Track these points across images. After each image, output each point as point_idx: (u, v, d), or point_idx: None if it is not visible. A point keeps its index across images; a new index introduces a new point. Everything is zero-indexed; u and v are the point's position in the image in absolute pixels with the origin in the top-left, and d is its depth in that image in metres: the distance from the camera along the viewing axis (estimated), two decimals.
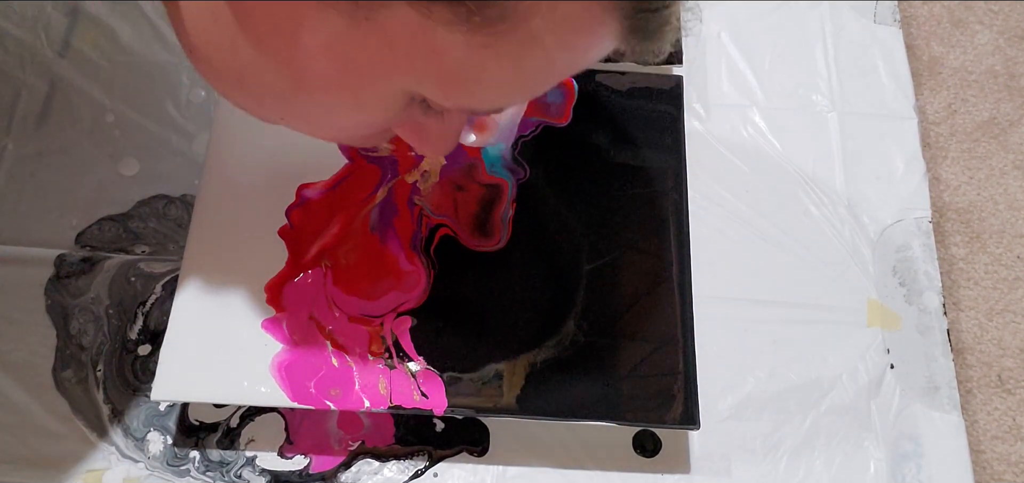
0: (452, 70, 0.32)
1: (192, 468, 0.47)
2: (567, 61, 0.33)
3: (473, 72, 0.32)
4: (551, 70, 0.33)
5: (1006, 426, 0.54)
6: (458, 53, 0.30)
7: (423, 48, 0.30)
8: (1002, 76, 0.65)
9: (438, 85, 0.33)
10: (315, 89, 0.34)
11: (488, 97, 0.34)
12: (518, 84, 0.34)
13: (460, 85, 0.33)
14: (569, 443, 0.48)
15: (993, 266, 0.59)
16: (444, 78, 0.32)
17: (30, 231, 0.52)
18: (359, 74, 0.32)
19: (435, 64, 0.31)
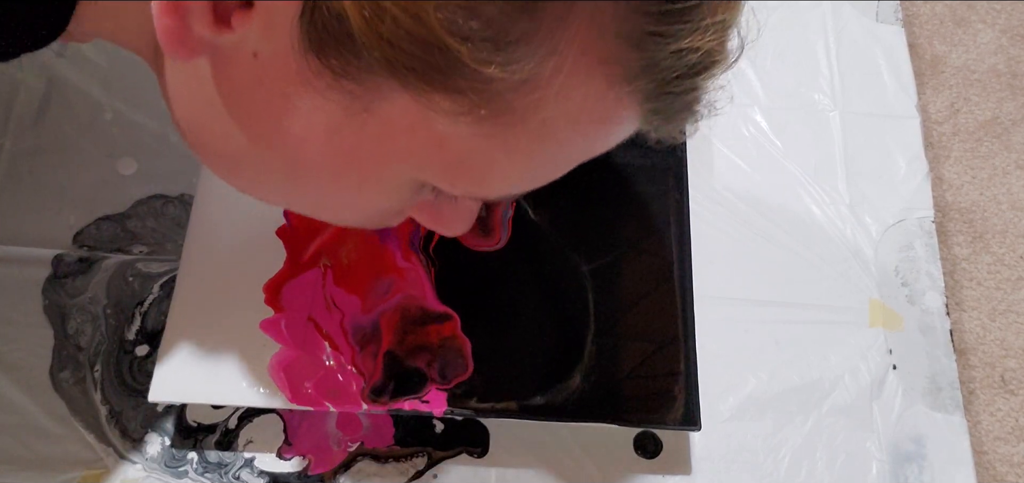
0: (458, 161, 0.30)
1: (190, 469, 0.47)
2: (583, 148, 0.32)
3: (481, 163, 0.30)
4: (567, 158, 0.32)
5: (1009, 427, 0.54)
6: (464, 144, 0.29)
7: (426, 139, 0.29)
8: (1005, 75, 0.65)
9: (444, 175, 0.31)
10: (314, 177, 0.32)
11: (499, 187, 0.32)
12: (530, 174, 0.32)
13: (468, 176, 0.31)
14: (569, 444, 0.48)
15: (996, 266, 0.58)
16: (450, 169, 0.31)
17: (27, 230, 0.52)
18: (359, 163, 0.31)
19: (440, 155, 0.30)
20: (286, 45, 0.27)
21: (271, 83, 0.29)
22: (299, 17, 0.26)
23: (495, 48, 0.26)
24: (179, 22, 0.27)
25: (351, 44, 0.26)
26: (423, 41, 0.25)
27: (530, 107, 0.28)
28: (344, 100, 0.28)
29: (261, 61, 0.28)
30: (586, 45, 0.27)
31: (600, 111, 0.29)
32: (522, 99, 0.28)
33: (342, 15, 0.25)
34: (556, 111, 0.28)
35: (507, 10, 0.25)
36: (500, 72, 0.26)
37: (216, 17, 0.27)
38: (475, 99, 0.27)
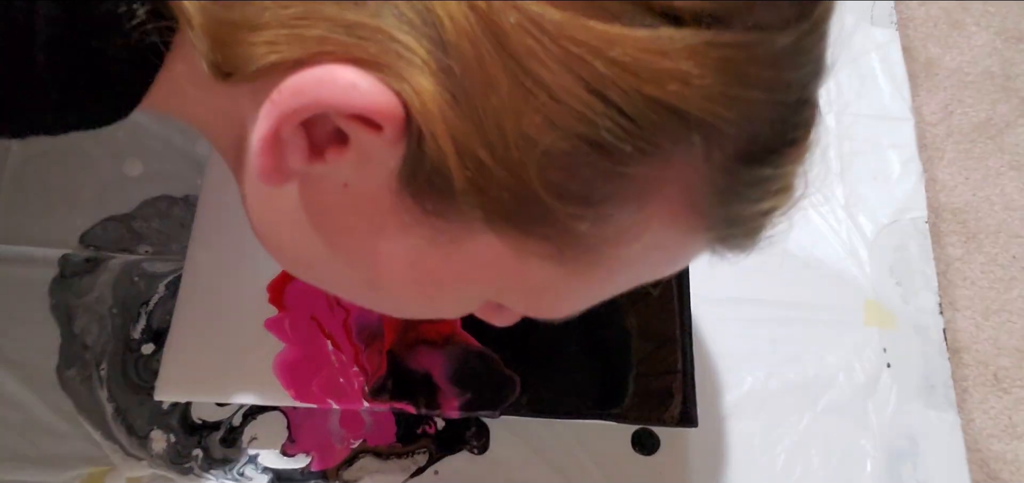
0: (537, 291, 0.31)
1: (195, 466, 0.47)
2: (656, 275, 0.33)
3: (558, 293, 0.31)
4: (637, 282, 0.33)
5: (1002, 425, 0.55)
6: (544, 278, 0.30)
7: (510, 273, 0.30)
8: (999, 77, 0.66)
9: (520, 301, 0.32)
10: (392, 292, 0.32)
11: (571, 310, 0.33)
12: (602, 297, 0.33)
13: (543, 302, 0.32)
14: (569, 441, 0.49)
15: (989, 266, 0.59)
16: (528, 296, 0.32)
17: (34, 231, 0.52)
18: (439, 285, 0.31)
19: (520, 286, 0.31)
20: (380, 182, 0.27)
21: (360, 210, 0.29)
22: (400, 165, 0.26)
23: (587, 205, 0.26)
24: (277, 158, 0.26)
25: (449, 194, 0.26)
26: (520, 196, 0.26)
27: (612, 250, 0.29)
28: (431, 233, 0.28)
29: (351, 191, 0.28)
30: (672, 202, 0.28)
31: (675, 252, 0.31)
32: (608, 246, 0.28)
33: (444, 171, 0.25)
34: (636, 252, 0.29)
35: (603, 172, 0.25)
36: (590, 227, 0.27)
37: (311, 151, 0.26)
38: (562, 244, 0.28)
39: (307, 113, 0.25)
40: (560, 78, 0.24)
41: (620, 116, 0.24)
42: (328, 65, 0.24)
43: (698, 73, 0.24)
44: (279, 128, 0.25)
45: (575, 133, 0.24)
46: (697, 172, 0.27)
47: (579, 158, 0.25)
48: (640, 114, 0.24)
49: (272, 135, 0.26)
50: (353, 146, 0.26)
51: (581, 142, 0.25)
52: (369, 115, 0.24)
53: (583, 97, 0.24)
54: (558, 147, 0.25)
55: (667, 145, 0.25)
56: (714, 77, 0.24)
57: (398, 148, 0.26)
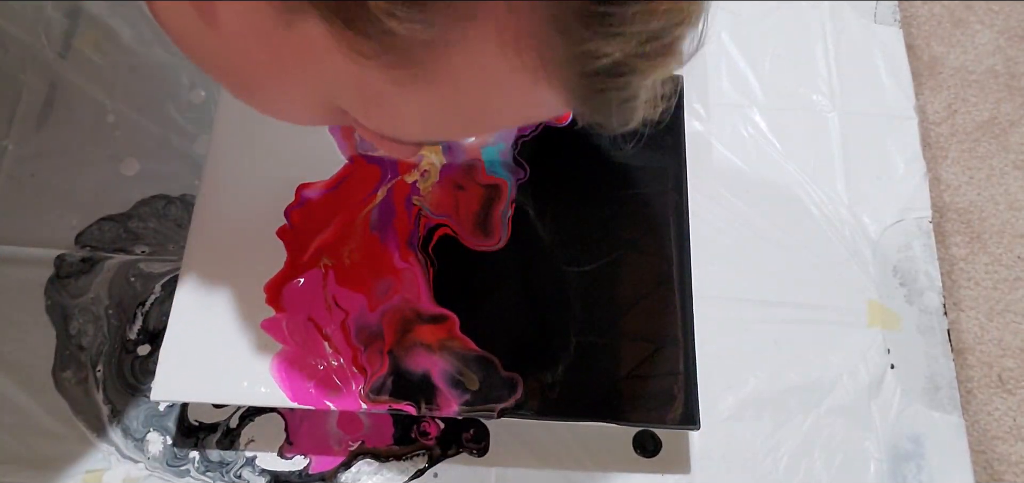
0: (370, 98, 0.30)
1: (192, 468, 0.47)
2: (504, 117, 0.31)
3: (393, 106, 0.30)
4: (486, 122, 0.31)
5: (1007, 426, 0.54)
6: (375, 85, 0.29)
7: (340, 69, 0.29)
8: (1003, 76, 0.65)
9: (358, 109, 0.32)
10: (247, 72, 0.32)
11: (413, 133, 0.32)
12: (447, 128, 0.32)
13: (380, 115, 0.31)
14: (569, 443, 0.48)
15: (993, 266, 0.59)
16: (363, 104, 0.31)
17: (30, 231, 0.52)
18: (282, 71, 0.31)
19: (352, 87, 0.30)
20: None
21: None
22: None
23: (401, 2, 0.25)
24: None
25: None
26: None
27: (440, 68, 0.28)
28: (270, 10, 0.28)
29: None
30: (499, 24, 0.26)
31: (515, 89, 0.29)
32: (430, 58, 0.27)
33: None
34: (468, 78, 0.28)
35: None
36: (402, 28, 0.26)
37: None
38: (381, 46, 0.27)
39: None
40: None
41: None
42: None
43: None
44: None
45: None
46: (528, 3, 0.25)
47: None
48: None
49: None
50: None
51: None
52: None
53: None
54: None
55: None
56: None
57: None
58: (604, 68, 0.27)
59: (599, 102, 0.29)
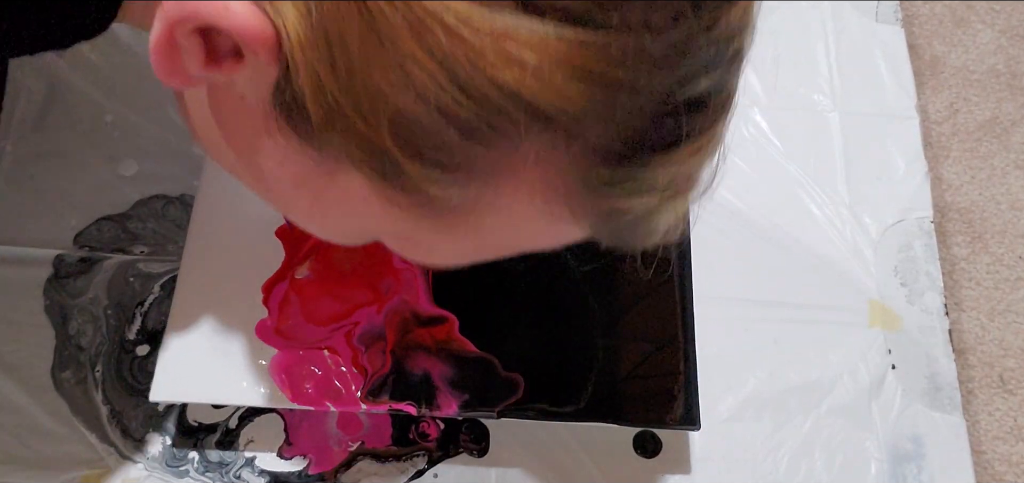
0: (407, 237, 0.32)
1: (191, 469, 0.47)
2: (530, 246, 0.33)
3: (427, 244, 0.32)
4: (514, 250, 0.33)
5: (1007, 426, 0.54)
6: (411, 226, 0.30)
7: (378, 214, 0.30)
8: (1004, 75, 0.65)
9: (395, 244, 0.34)
10: (288, 205, 0.34)
11: (445, 262, 0.34)
12: (477, 257, 0.34)
13: (415, 250, 0.34)
14: (569, 444, 0.48)
15: (995, 266, 0.58)
16: (399, 241, 0.33)
17: (29, 231, 0.52)
18: (323, 210, 0.32)
19: (390, 228, 0.32)
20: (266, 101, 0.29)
21: (251, 125, 0.30)
22: (272, 87, 0.28)
23: (439, 171, 0.27)
24: (173, 61, 0.28)
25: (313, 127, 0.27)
26: (374, 145, 0.27)
27: (470, 220, 0.29)
28: (308, 162, 0.29)
29: (246, 105, 0.29)
30: (529, 184, 0.28)
31: (543, 231, 0.31)
32: (463, 212, 0.29)
33: (305, 103, 0.27)
34: (498, 226, 0.30)
35: (453, 143, 0.26)
36: (442, 191, 0.28)
37: (208, 60, 0.28)
38: (418, 202, 0.29)
39: (190, 23, 0.26)
40: (409, 44, 0.24)
41: (462, 93, 0.25)
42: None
43: (542, 64, 0.24)
44: (171, 32, 0.27)
45: (424, 99, 0.25)
46: (555, 161, 0.27)
47: (429, 123, 0.25)
48: (483, 94, 0.25)
49: (165, 37, 0.27)
50: (248, 62, 0.27)
51: (430, 109, 0.25)
52: (239, 36, 0.26)
53: (430, 67, 0.24)
54: (410, 108, 0.25)
55: (515, 130, 0.26)
56: (558, 71, 0.24)
57: (272, 70, 0.27)
58: (631, 218, 0.29)
59: (623, 236, 0.31)
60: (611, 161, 0.27)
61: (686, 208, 0.31)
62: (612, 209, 0.29)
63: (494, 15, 0.24)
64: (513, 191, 0.28)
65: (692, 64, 0.26)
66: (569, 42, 0.24)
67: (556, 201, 0.29)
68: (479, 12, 0.24)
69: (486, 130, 0.26)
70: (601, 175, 0.27)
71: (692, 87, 0.27)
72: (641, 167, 0.28)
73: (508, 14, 0.24)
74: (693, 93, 0.27)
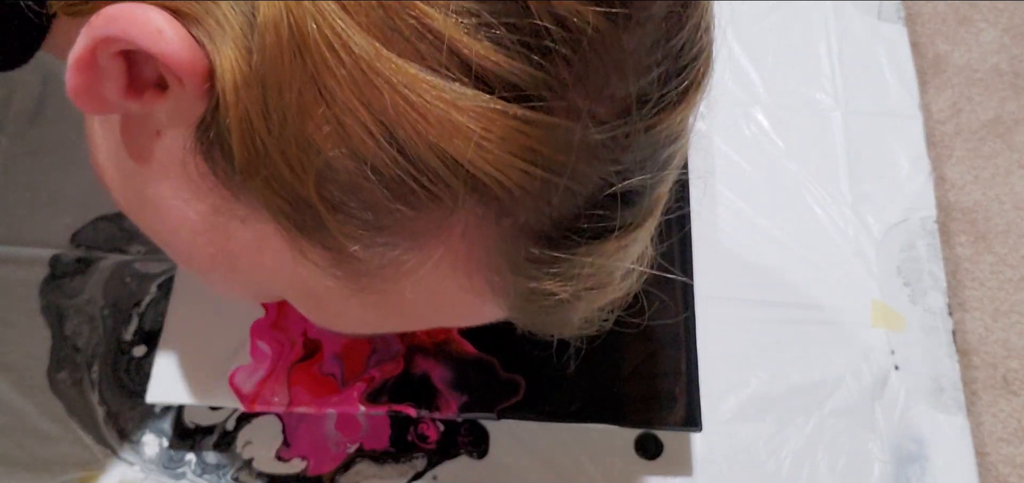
0: (317, 298, 0.31)
1: (188, 471, 0.47)
2: (445, 321, 0.33)
3: (337, 307, 0.31)
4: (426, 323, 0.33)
5: (1012, 428, 0.54)
6: (322, 287, 0.30)
7: (289, 270, 0.30)
8: (1007, 74, 0.65)
9: (303, 304, 0.33)
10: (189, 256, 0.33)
11: (354, 329, 0.34)
12: (387, 326, 0.33)
13: (324, 313, 0.33)
14: (570, 445, 0.48)
15: (999, 266, 0.58)
16: (309, 301, 0.32)
17: (24, 231, 0.52)
18: (227, 261, 0.31)
19: (300, 286, 0.31)
20: (185, 137, 0.28)
21: (166, 163, 0.29)
22: (197, 123, 0.27)
23: (363, 228, 0.26)
24: (90, 82, 0.27)
25: (233, 168, 0.27)
26: (297, 196, 0.26)
27: (388, 286, 0.29)
28: (221, 204, 0.29)
29: (162, 141, 0.29)
30: (454, 254, 0.28)
31: (460, 305, 0.30)
32: (380, 277, 0.28)
33: (229, 143, 0.26)
34: (413, 294, 0.29)
35: (382, 203, 0.25)
36: (363, 251, 0.27)
37: (129, 88, 0.27)
38: (337, 259, 0.28)
39: (117, 45, 0.26)
40: (350, 100, 0.24)
41: (401, 155, 0.24)
42: (145, 4, 0.25)
43: (487, 137, 0.24)
44: (94, 50, 0.26)
45: (358, 156, 0.24)
46: (483, 233, 0.27)
47: (359, 181, 0.25)
48: (422, 159, 0.24)
49: (86, 56, 0.26)
50: (169, 96, 0.27)
51: (363, 166, 0.25)
52: (169, 64, 0.25)
53: (369, 125, 0.24)
54: (340, 163, 0.25)
55: (450, 197, 0.25)
56: (501, 147, 0.24)
57: (199, 105, 0.26)
58: (549, 303, 0.29)
59: (538, 321, 0.31)
60: (540, 243, 0.27)
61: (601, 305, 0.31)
62: (533, 291, 0.29)
63: (444, 83, 0.23)
64: (437, 259, 0.28)
65: (630, 160, 0.27)
66: (516, 119, 0.24)
67: (477, 275, 0.28)
68: (429, 78, 0.23)
69: (420, 194, 0.25)
70: (528, 255, 0.27)
71: (627, 183, 0.27)
72: (568, 253, 0.28)
73: (458, 84, 0.23)
74: (627, 188, 0.27)
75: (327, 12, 0.23)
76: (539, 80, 0.24)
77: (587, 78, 0.24)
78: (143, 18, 0.25)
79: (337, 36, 0.23)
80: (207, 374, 0.45)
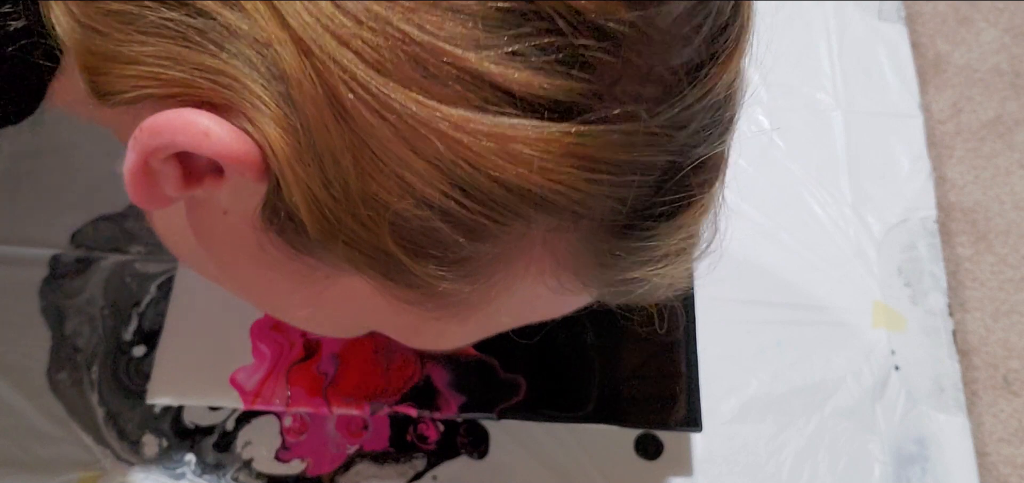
0: (414, 329, 0.32)
1: (188, 471, 0.47)
2: (539, 317, 0.33)
3: (434, 333, 0.32)
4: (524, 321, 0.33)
5: (1012, 428, 0.54)
6: (417, 321, 0.30)
7: (381, 311, 0.30)
8: (1008, 74, 0.65)
9: (401, 336, 0.33)
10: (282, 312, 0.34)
11: (448, 346, 0.34)
12: (486, 334, 0.34)
13: (422, 340, 0.34)
14: (570, 446, 0.48)
15: (999, 266, 0.58)
16: (404, 333, 0.33)
17: (25, 231, 0.52)
18: (322, 313, 0.32)
19: (394, 322, 0.31)
20: (253, 218, 0.27)
21: (237, 238, 0.29)
22: (260, 207, 0.27)
23: (446, 266, 0.27)
24: (149, 189, 0.27)
25: (308, 237, 0.27)
26: (377, 250, 0.26)
27: (482, 304, 0.29)
28: (305, 270, 0.29)
29: (230, 219, 0.28)
30: (539, 264, 0.28)
31: (550, 304, 0.31)
32: (474, 300, 0.29)
33: (298, 218, 0.26)
34: (507, 306, 0.30)
35: (458, 241, 0.26)
36: (452, 286, 0.27)
37: (187, 179, 0.27)
38: (426, 296, 0.28)
39: (166, 152, 0.25)
40: (404, 154, 0.24)
41: (466, 196, 0.24)
42: (186, 109, 0.25)
43: (546, 159, 0.24)
44: (146, 161, 0.26)
45: (425, 203, 0.25)
46: (562, 239, 0.27)
47: (431, 226, 0.25)
48: (486, 194, 0.24)
49: (139, 167, 0.26)
50: (228, 178, 0.27)
51: (432, 212, 0.25)
52: (221, 160, 0.25)
53: (428, 174, 0.24)
54: (410, 213, 0.25)
55: (522, 222, 0.26)
56: (562, 164, 0.24)
57: (259, 187, 0.26)
58: (645, 279, 0.30)
59: (631, 296, 0.31)
60: (620, 235, 0.27)
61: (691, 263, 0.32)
62: (618, 279, 0.29)
63: (491, 118, 0.23)
64: (523, 273, 0.28)
65: (692, 131, 0.26)
66: (570, 135, 0.24)
67: (566, 276, 0.29)
68: (477, 117, 0.23)
69: (491, 227, 0.25)
70: (611, 247, 0.28)
71: (693, 154, 0.27)
72: (650, 237, 0.28)
73: (506, 116, 0.23)
74: (696, 159, 0.27)
75: (360, 76, 0.23)
76: (584, 91, 0.24)
77: (631, 72, 0.24)
78: (187, 123, 0.25)
79: (374, 97, 0.23)
80: (207, 374, 0.45)
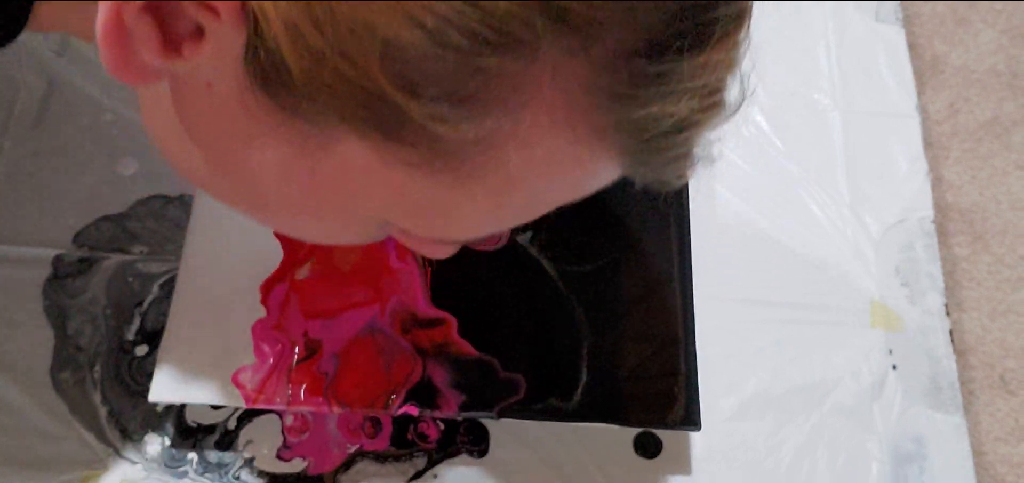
0: (420, 207, 0.29)
1: (190, 470, 0.47)
2: (557, 195, 0.30)
3: (444, 210, 0.29)
4: (540, 204, 0.30)
5: (1009, 427, 0.54)
6: (424, 192, 0.27)
7: (385, 184, 0.27)
8: (1005, 75, 0.65)
9: (407, 219, 0.30)
10: (274, 207, 0.31)
11: (468, 231, 0.31)
12: (500, 220, 0.30)
13: (431, 220, 0.30)
14: (570, 444, 0.48)
15: (996, 266, 0.58)
16: (412, 213, 0.30)
17: (28, 231, 0.52)
18: (317, 199, 0.29)
19: (400, 199, 0.28)
20: (237, 78, 0.26)
21: (225, 114, 0.27)
22: (243, 56, 0.25)
23: (447, 106, 0.24)
24: (123, 50, 0.25)
25: (294, 87, 0.25)
26: (368, 93, 0.24)
27: (490, 163, 0.26)
28: (297, 138, 0.27)
29: (215, 92, 0.27)
30: (550, 104, 0.25)
31: (570, 165, 0.28)
32: (480, 155, 0.26)
33: (282, 59, 0.24)
34: (519, 165, 0.27)
35: (459, 69, 0.23)
36: (452, 131, 0.25)
37: (166, 45, 0.25)
38: (429, 153, 0.26)
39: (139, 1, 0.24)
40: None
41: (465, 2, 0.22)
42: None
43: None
44: (118, 15, 0.24)
45: (416, 20, 0.22)
46: (576, 70, 0.24)
47: (427, 50, 0.23)
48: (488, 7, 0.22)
49: (112, 21, 0.24)
50: (209, 38, 0.25)
51: (425, 31, 0.22)
52: None
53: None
54: (401, 36, 0.22)
55: (529, 36, 0.23)
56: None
57: (239, 33, 0.24)
58: (664, 129, 0.26)
59: (658, 162, 0.28)
60: (637, 61, 0.25)
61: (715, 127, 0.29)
62: (639, 120, 0.26)
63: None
64: (533, 116, 0.25)
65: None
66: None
67: (580, 122, 0.26)
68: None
69: (497, 41, 0.23)
70: (628, 77, 0.25)
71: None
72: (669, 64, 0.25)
73: None
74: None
75: None
76: None
77: None
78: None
79: None
80: (209, 373, 0.45)
